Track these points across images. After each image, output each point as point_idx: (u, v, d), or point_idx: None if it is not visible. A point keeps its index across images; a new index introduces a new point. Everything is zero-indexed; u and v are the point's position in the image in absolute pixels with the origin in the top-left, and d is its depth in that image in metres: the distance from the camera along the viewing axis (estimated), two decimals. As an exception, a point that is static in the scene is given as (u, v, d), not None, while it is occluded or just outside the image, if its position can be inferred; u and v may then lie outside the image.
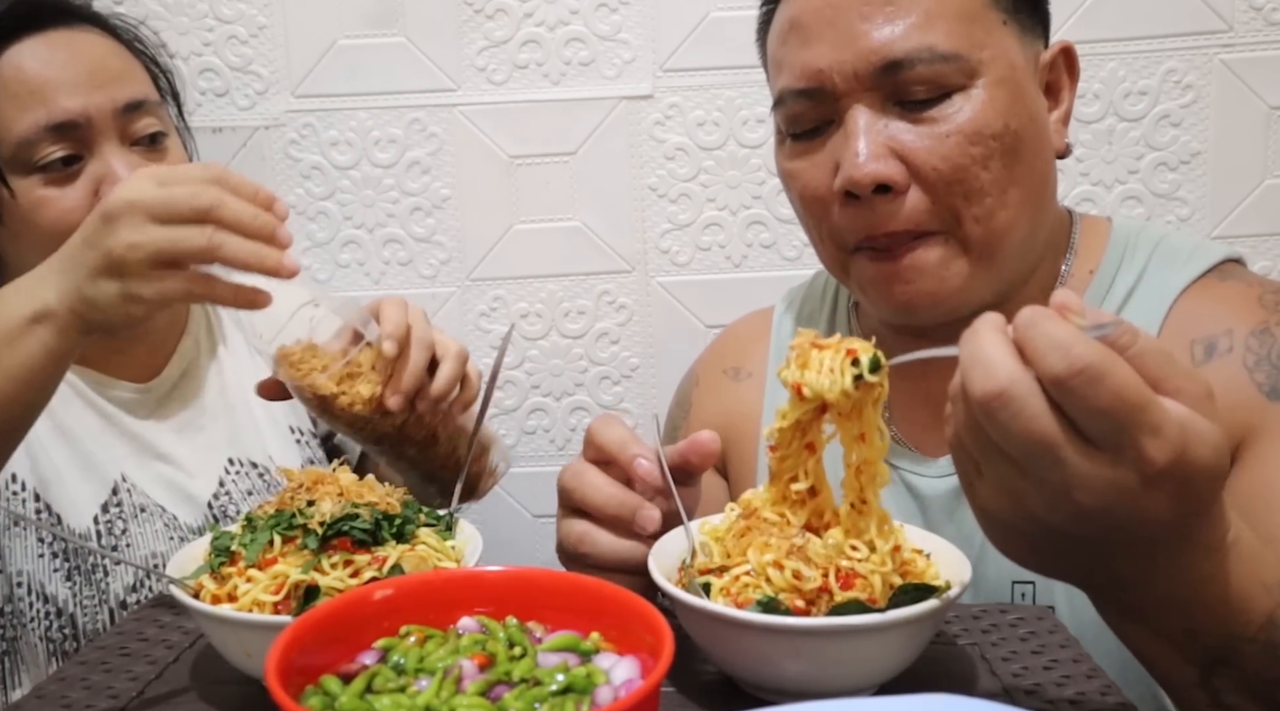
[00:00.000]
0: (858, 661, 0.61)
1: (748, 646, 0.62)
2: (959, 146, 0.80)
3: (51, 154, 1.01)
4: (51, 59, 1.04)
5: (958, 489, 0.89)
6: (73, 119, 1.02)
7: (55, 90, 1.02)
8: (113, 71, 1.07)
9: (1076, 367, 0.48)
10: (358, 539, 0.68)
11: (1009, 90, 0.82)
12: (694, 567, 0.67)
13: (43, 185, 1.02)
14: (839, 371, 0.63)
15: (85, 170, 1.03)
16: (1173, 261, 0.89)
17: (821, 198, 0.86)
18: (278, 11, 1.36)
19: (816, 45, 0.83)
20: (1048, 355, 0.49)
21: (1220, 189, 1.35)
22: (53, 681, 0.69)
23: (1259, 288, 0.86)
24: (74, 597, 1.04)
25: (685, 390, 1.12)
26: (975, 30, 0.81)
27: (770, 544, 0.64)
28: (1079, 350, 0.49)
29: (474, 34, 1.37)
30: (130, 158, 1.05)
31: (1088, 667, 0.69)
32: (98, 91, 1.04)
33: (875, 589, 0.62)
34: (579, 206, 1.40)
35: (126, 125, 1.06)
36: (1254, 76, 1.32)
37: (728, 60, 1.35)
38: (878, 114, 0.82)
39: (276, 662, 0.47)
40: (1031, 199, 0.84)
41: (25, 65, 1.03)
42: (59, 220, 1.01)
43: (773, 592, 0.62)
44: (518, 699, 0.48)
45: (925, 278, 0.83)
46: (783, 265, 1.40)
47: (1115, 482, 0.50)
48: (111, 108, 1.05)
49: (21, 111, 1.01)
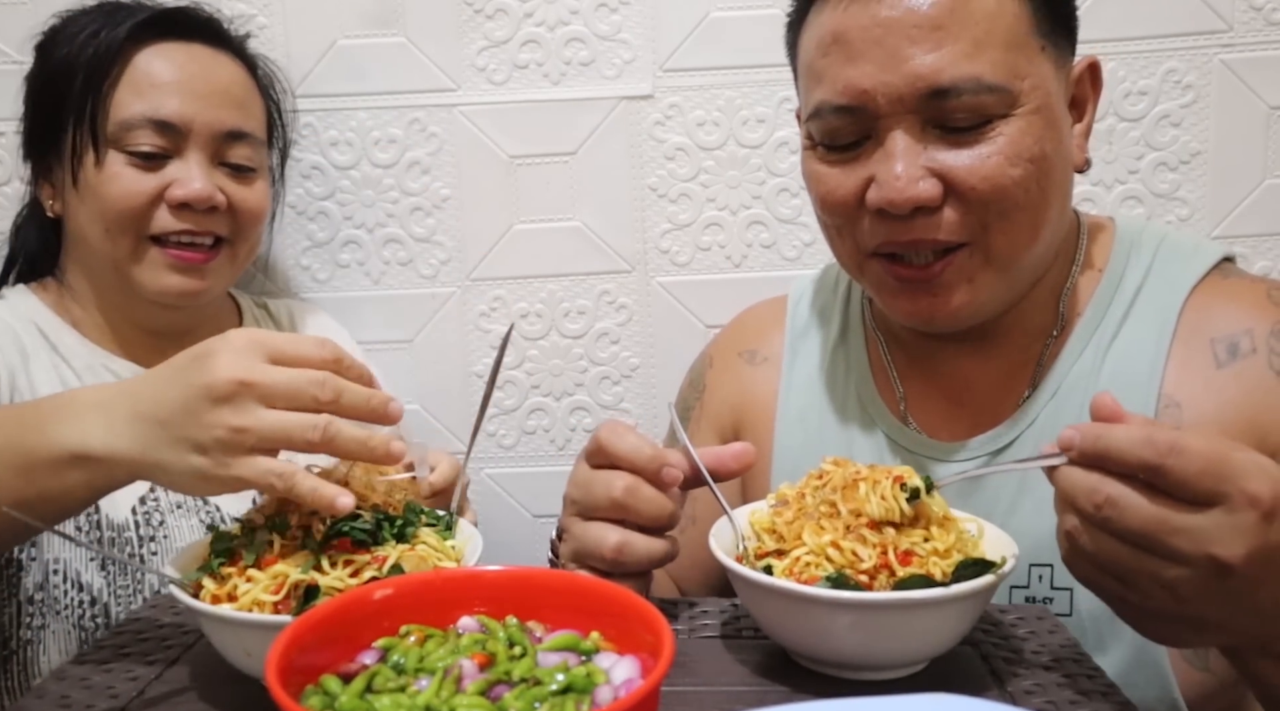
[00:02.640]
0: (918, 634, 0.65)
1: (814, 621, 0.65)
2: (999, 168, 0.81)
3: (143, 144, 1.09)
4: (183, 67, 1.13)
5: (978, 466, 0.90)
6: (174, 121, 1.10)
7: (173, 92, 1.11)
8: (233, 98, 1.15)
9: (1165, 448, 0.56)
10: (357, 539, 0.68)
11: (1045, 117, 0.83)
12: (753, 551, 0.71)
13: (125, 165, 1.10)
14: (892, 498, 0.69)
15: (166, 168, 1.11)
16: (1178, 257, 0.91)
17: (848, 205, 0.87)
18: (278, 11, 1.36)
19: (861, 64, 0.83)
20: (1135, 451, 0.57)
21: (1220, 189, 1.35)
22: (53, 681, 0.69)
23: (1264, 284, 0.89)
24: (109, 587, 1.05)
25: (700, 371, 1.14)
26: (1019, 60, 0.82)
27: (825, 526, 0.68)
28: (1158, 435, 0.57)
29: (474, 34, 1.37)
30: (212, 174, 1.13)
31: (1088, 667, 0.69)
32: (210, 109, 1.13)
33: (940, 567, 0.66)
34: (579, 206, 1.40)
35: (223, 147, 1.15)
36: (1254, 76, 1.32)
37: (728, 60, 1.35)
38: (918, 136, 0.83)
39: (276, 662, 0.47)
40: (1055, 217, 0.86)
41: (156, 63, 1.12)
42: (124, 197, 1.09)
43: (834, 571, 0.66)
44: (518, 698, 0.48)
45: (952, 293, 0.86)
46: (783, 265, 1.40)
47: (1239, 528, 0.56)
48: (216, 126, 1.13)
49: (136, 98, 1.10)
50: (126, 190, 1.09)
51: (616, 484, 0.75)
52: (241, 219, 1.16)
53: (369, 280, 1.42)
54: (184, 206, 1.10)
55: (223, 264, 1.16)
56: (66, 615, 1.05)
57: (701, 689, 0.67)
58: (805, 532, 0.68)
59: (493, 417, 1.45)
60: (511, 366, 1.44)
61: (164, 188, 1.10)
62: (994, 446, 0.91)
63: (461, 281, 1.42)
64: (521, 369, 1.44)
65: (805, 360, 1.05)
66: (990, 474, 0.75)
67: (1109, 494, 0.58)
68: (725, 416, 1.09)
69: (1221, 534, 0.56)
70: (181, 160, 1.11)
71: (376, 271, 1.42)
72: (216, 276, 1.16)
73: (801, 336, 1.07)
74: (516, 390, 1.44)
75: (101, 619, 1.06)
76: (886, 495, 0.69)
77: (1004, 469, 0.73)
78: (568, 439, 1.45)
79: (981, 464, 0.91)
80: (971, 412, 0.94)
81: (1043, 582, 0.87)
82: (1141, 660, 0.82)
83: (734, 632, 0.75)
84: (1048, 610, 0.79)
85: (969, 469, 0.89)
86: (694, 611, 0.80)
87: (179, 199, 1.09)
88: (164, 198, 1.10)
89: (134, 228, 1.10)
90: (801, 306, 1.09)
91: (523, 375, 1.44)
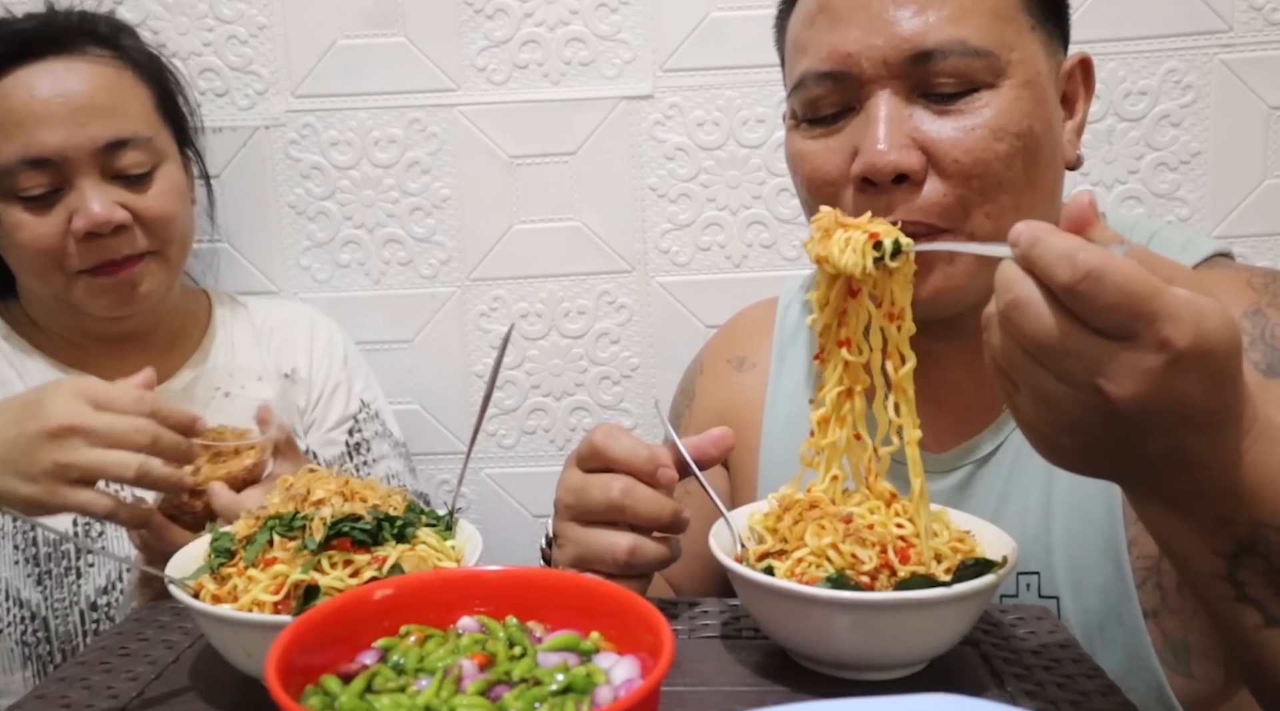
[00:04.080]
0: (918, 634, 0.65)
1: (814, 621, 0.65)
2: (983, 140, 0.80)
3: (30, 187, 1.07)
4: (37, 93, 1.07)
5: (962, 482, 0.90)
6: (49, 156, 1.06)
7: (37, 125, 1.06)
8: (99, 108, 1.10)
9: (1081, 272, 0.52)
10: (357, 539, 0.68)
11: (1033, 93, 0.82)
12: (752, 552, 0.71)
13: (21, 210, 1.08)
14: (860, 251, 0.68)
15: (62, 201, 1.08)
16: (1167, 252, 0.90)
17: (832, 182, 0.85)
18: (278, 11, 1.36)
19: (846, 28, 0.82)
20: (1054, 267, 0.53)
21: (1220, 189, 1.35)
22: (53, 681, 0.69)
23: (1247, 272, 0.87)
24: (45, 601, 1.06)
25: (690, 377, 1.13)
26: (1007, 30, 0.81)
27: (825, 528, 0.68)
28: (1082, 256, 0.52)
29: (474, 34, 1.37)
30: (107, 191, 1.09)
31: (1088, 667, 0.69)
32: (79, 129, 1.08)
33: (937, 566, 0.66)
34: (579, 206, 1.40)
35: (108, 161, 1.10)
36: (1254, 76, 1.32)
37: (728, 60, 1.35)
38: (902, 103, 0.81)
39: (276, 662, 0.47)
40: (1041, 204, 0.84)
41: (12, 96, 1.07)
42: (33, 243, 1.08)
43: (834, 572, 0.65)
44: (518, 698, 0.48)
45: (929, 273, 0.83)
46: (783, 265, 1.40)
47: (1138, 367, 0.53)
48: (91, 146, 1.08)
49: (4, 141, 1.06)
50: (32, 236, 1.07)
51: (613, 486, 0.74)
52: (152, 226, 1.12)
53: (369, 280, 1.42)
54: (91, 235, 1.07)
55: (153, 268, 1.13)
56: (9, 632, 1.06)
57: (701, 689, 0.66)
58: (806, 534, 0.68)
59: (493, 417, 1.45)
60: (511, 366, 1.44)
61: (66, 220, 1.07)
62: (978, 454, 0.90)
63: (461, 281, 1.42)
64: (521, 369, 1.44)
65: (792, 367, 1.03)
66: (937, 250, 0.72)
67: (1016, 295, 0.55)
68: (713, 424, 1.08)
69: (1115, 369, 0.53)
70: (73, 189, 1.08)
71: (376, 271, 1.42)
72: (152, 280, 1.13)
73: (789, 342, 1.05)
74: (516, 390, 1.44)
75: (41, 633, 1.07)
76: (857, 248, 0.68)
77: (951, 248, 0.70)
78: (568, 439, 1.45)
79: (967, 473, 0.89)
80: (956, 421, 0.92)
81: (1030, 591, 0.87)
82: (1133, 666, 0.82)
83: (734, 632, 0.75)
84: (1048, 610, 0.79)
85: (957, 476, 0.89)
86: (694, 611, 0.80)
87: (81, 230, 1.07)
88: (70, 231, 1.07)
89: (57, 267, 1.09)
90: (790, 311, 1.07)
91: (523, 375, 1.44)
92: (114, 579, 1.07)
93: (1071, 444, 0.59)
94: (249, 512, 0.73)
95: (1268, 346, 0.82)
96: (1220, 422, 0.56)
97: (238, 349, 1.26)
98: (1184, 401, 0.54)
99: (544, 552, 0.87)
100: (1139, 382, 0.53)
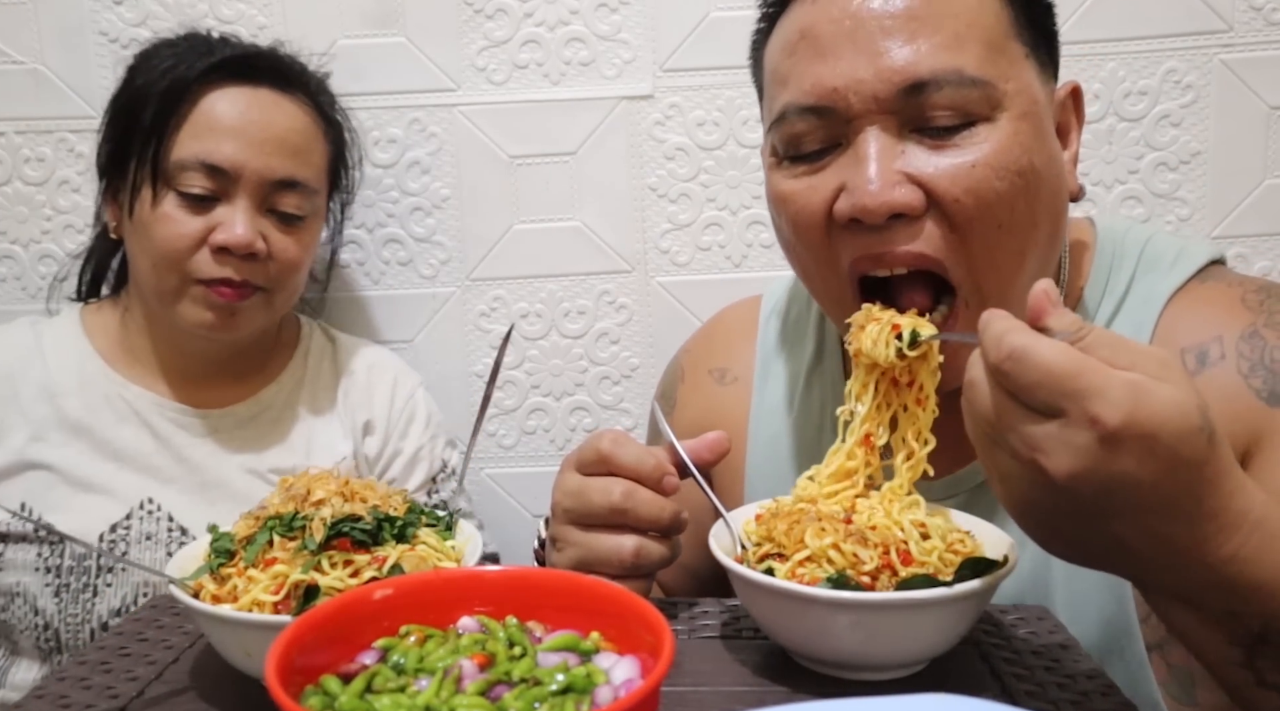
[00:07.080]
0: (918, 634, 0.65)
1: (814, 621, 0.65)
2: (985, 179, 0.74)
3: (194, 186, 1.10)
4: (243, 112, 1.13)
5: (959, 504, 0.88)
6: (225, 166, 1.11)
7: (229, 136, 1.11)
8: (289, 146, 1.15)
9: (1004, 352, 0.55)
10: (358, 540, 0.68)
11: (1033, 125, 0.77)
12: (752, 553, 0.71)
13: (176, 205, 1.11)
14: (883, 344, 0.74)
15: (214, 211, 1.11)
16: (1158, 267, 0.87)
17: (819, 225, 0.80)
18: (278, 11, 1.36)
19: (831, 60, 0.76)
20: (987, 348, 0.56)
21: (1220, 189, 1.35)
22: (53, 681, 0.69)
23: (1240, 288, 0.84)
24: (59, 613, 1.08)
25: (671, 383, 1.11)
26: (1001, 60, 0.76)
27: (826, 529, 0.69)
28: (1008, 338, 0.55)
29: (474, 34, 1.37)
30: (258, 220, 1.13)
31: (1088, 667, 0.69)
32: (263, 157, 1.12)
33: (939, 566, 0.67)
34: (579, 206, 1.40)
35: (272, 194, 1.14)
36: (1254, 76, 1.32)
37: (728, 60, 1.35)
38: (894, 138, 0.76)
39: (276, 662, 0.47)
40: (1047, 241, 0.80)
41: (219, 107, 1.12)
42: (166, 239, 1.11)
43: (835, 572, 0.66)
44: (518, 698, 0.48)
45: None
46: (783, 265, 1.37)
47: (1071, 443, 0.53)
48: (267, 175, 1.13)
49: (193, 140, 1.11)
50: (174, 232, 1.10)
51: (615, 489, 0.74)
52: (278, 268, 1.15)
53: (369, 280, 1.43)
54: (224, 250, 1.11)
55: (256, 307, 1.16)
56: (25, 635, 1.09)
57: (701, 689, 0.66)
58: (807, 535, 0.68)
59: (493, 417, 1.45)
60: (511, 366, 1.44)
61: (209, 231, 1.11)
62: (972, 482, 0.88)
63: (461, 281, 1.42)
64: (521, 369, 1.44)
65: (776, 382, 1.00)
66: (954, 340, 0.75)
67: (970, 376, 0.58)
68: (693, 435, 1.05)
69: (1051, 444, 0.54)
70: (229, 204, 1.11)
71: (376, 271, 1.42)
72: (247, 318, 1.16)
73: (774, 355, 1.01)
74: (516, 390, 1.44)
75: (53, 642, 1.09)
76: (880, 341, 0.74)
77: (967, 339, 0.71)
78: (568, 439, 1.45)
79: (962, 500, 0.87)
80: (950, 446, 0.86)
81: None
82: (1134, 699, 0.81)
83: (734, 632, 0.75)
84: (1048, 610, 0.79)
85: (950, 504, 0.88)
86: (694, 611, 0.80)
87: (220, 243, 1.10)
88: (207, 241, 1.11)
89: (178, 268, 1.11)
90: (774, 320, 1.03)
91: (523, 375, 1.44)
92: (129, 602, 1.09)
93: (1036, 527, 0.59)
94: (249, 513, 0.73)
95: (1268, 371, 0.78)
96: (1189, 513, 0.55)
97: (320, 384, 1.27)
98: (1128, 483, 0.53)
99: (537, 554, 0.86)
100: (1073, 458, 0.53)
